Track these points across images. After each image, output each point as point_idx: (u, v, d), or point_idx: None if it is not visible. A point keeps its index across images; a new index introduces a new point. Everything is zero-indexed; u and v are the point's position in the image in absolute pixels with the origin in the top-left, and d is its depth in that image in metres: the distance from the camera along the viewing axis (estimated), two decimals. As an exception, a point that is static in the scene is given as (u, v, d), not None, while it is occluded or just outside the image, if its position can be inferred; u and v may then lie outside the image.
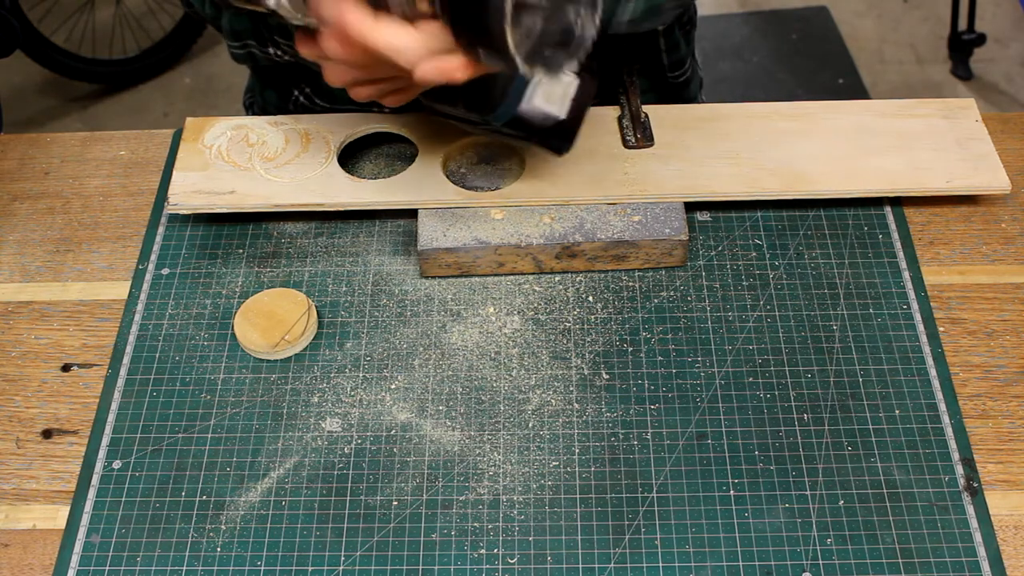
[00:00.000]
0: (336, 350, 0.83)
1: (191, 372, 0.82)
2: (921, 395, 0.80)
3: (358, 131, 0.94)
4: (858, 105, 0.95)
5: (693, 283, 0.87)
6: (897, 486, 0.75)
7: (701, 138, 0.92)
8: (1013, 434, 0.78)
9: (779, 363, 0.82)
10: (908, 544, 0.72)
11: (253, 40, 0.97)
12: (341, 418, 0.80)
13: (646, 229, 0.86)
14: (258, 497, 0.76)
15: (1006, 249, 0.89)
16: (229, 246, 0.90)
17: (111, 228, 0.93)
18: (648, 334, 0.84)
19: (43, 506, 0.76)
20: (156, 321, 0.86)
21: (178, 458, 0.78)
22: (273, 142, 0.93)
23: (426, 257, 0.86)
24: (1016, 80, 2.51)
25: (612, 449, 0.77)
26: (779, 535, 0.73)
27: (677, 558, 0.72)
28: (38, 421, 0.81)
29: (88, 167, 0.99)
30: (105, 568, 0.73)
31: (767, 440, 0.77)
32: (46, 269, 0.90)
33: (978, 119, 0.94)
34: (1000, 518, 0.74)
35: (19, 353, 0.85)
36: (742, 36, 2.63)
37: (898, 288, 0.86)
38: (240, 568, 0.72)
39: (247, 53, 0.99)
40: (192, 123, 0.95)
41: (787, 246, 0.89)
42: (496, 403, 0.80)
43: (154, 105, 2.57)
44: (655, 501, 0.75)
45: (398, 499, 0.75)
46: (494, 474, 0.76)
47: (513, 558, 0.73)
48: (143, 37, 2.63)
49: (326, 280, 0.88)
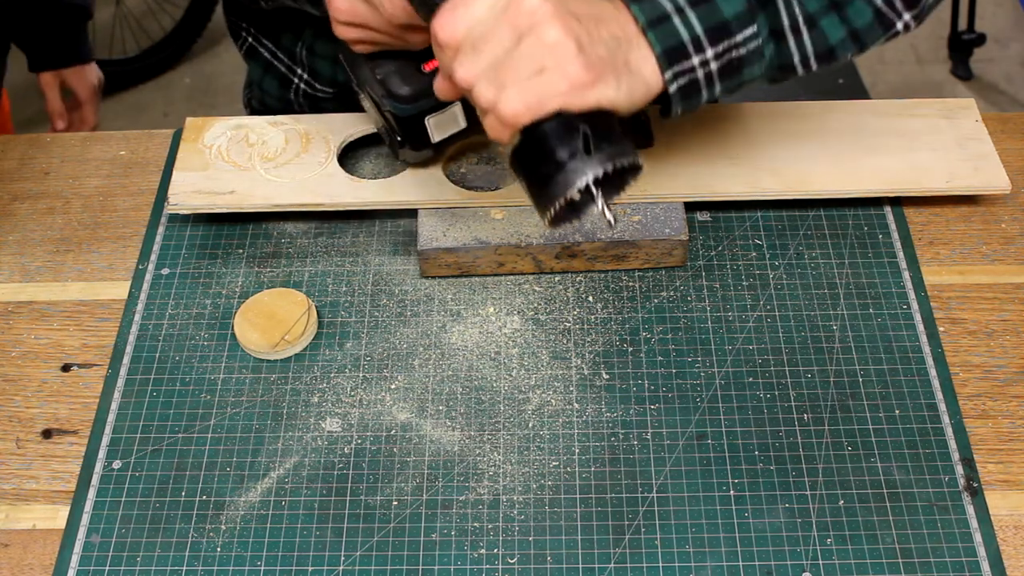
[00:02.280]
0: (336, 350, 0.83)
1: (191, 372, 0.82)
2: (921, 395, 0.80)
3: (358, 131, 0.94)
4: (858, 105, 0.95)
5: (693, 283, 0.87)
6: (897, 486, 0.75)
7: (701, 138, 0.92)
8: (1013, 434, 0.78)
9: (779, 363, 0.82)
10: (908, 544, 0.72)
11: None
12: (341, 418, 0.80)
13: (646, 229, 0.86)
14: (258, 497, 0.76)
15: (1006, 249, 0.89)
16: (229, 246, 0.90)
17: (111, 228, 0.93)
18: (648, 334, 0.83)
19: (43, 506, 0.76)
20: (156, 321, 0.86)
21: (178, 458, 0.78)
22: (273, 142, 0.93)
23: (426, 257, 0.86)
24: (1016, 80, 2.50)
25: (612, 449, 0.77)
26: (779, 535, 0.73)
27: (677, 558, 0.72)
28: (38, 421, 0.81)
29: (88, 167, 0.99)
30: (105, 568, 0.73)
31: (767, 440, 0.77)
32: (46, 269, 0.90)
33: (978, 119, 0.94)
34: (1000, 518, 0.74)
35: (19, 353, 0.85)
36: (742, 36, 2.63)
37: (898, 288, 0.86)
38: (240, 568, 0.72)
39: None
40: (192, 123, 0.95)
41: (787, 246, 0.89)
42: (496, 403, 0.80)
43: (154, 105, 2.57)
44: (655, 501, 0.75)
45: (398, 499, 0.75)
46: (494, 474, 0.76)
47: (513, 558, 0.72)
48: (143, 37, 2.63)
49: (326, 280, 0.88)
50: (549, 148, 0.65)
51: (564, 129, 0.65)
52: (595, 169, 0.65)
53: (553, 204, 0.66)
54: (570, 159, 0.65)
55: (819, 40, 0.75)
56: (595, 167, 0.65)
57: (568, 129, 0.65)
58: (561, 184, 0.65)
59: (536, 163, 0.67)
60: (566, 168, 0.65)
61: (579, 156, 0.65)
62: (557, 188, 0.66)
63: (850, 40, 0.76)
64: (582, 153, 0.65)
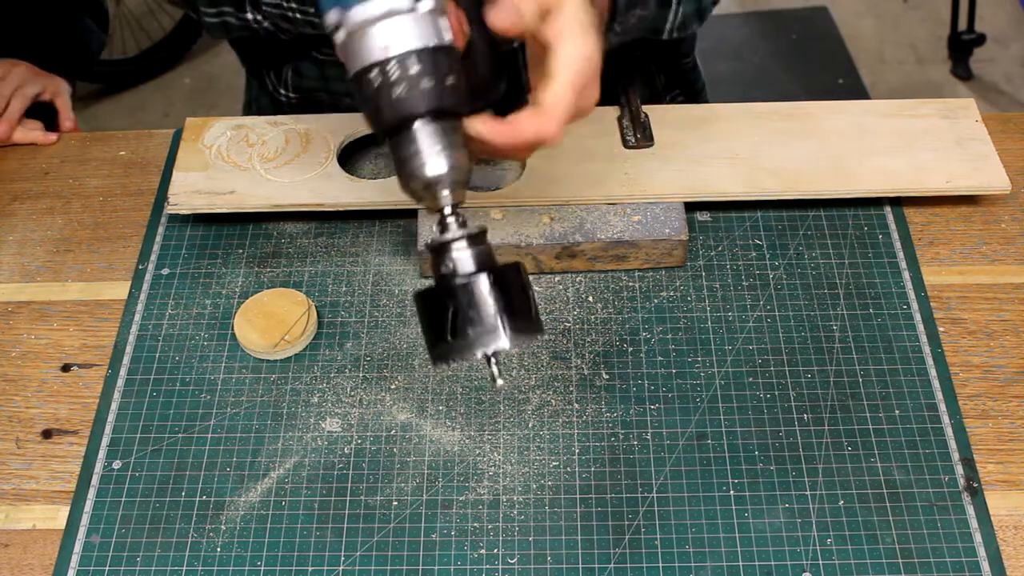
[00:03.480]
0: (336, 350, 0.83)
1: (191, 372, 0.82)
2: (921, 395, 0.80)
3: (358, 131, 0.94)
4: (858, 105, 0.95)
5: (693, 283, 0.87)
6: (897, 486, 0.75)
7: (701, 138, 0.92)
8: (1013, 434, 0.78)
9: (779, 363, 0.82)
10: (908, 544, 0.72)
11: (230, 6, 0.92)
12: (341, 418, 0.80)
13: (646, 229, 0.86)
14: (258, 497, 0.76)
15: (1006, 249, 0.89)
16: (229, 246, 0.90)
17: (111, 228, 0.93)
18: (648, 334, 0.83)
19: (43, 506, 0.76)
20: (156, 321, 0.86)
21: (178, 458, 0.78)
22: (273, 142, 0.93)
23: (426, 257, 0.86)
24: (1016, 80, 2.50)
25: (612, 449, 0.77)
26: (779, 535, 0.73)
27: (677, 558, 0.72)
28: (38, 421, 0.81)
29: (88, 167, 0.99)
30: (105, 568, 0.73)
31: (767, 440, 0.77)
32: (46, 269, 0.90)
33: (978, 119, 0.94)
34: (1000, 518, 0.74)
35: (19, 353, 0.85)
36: (742, 36, 2.63)
37: (898, 288, 0.86)
38: (240, 568, 0.72)
39: (221, 22, 0.94)
40: (192, 123, 0.95)
41: (787, 246, 0.89)
42: (496, 403, 0.80)
43: (154, 105, 2.57)
44: (655, 501, 0.75)
45: (398, 499, 0.75)
46: (494, 474, 0.76)
47: (513, 558, 0.72)
48: (143, 37, 2.63)
49: (326, 280, 0.88)
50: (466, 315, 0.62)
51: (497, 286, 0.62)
52: (502, 343, 0.61)
53: (448, 361, 0.63)
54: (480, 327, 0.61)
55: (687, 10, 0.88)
56: (503, 341, 0.61)
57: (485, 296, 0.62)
58: (468, 346, 0.62)
59: (443, 317, 0.63)
60: (472, 338, 0.61)
61: (498, 320, 0.61)
62: (463, 349, 0.62)
63: (696, 16, 0.88)
64: (493, 325, 0.61)
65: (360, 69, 0.62)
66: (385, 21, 0.62)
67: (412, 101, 0.62)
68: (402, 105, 0.62)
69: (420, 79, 0.62)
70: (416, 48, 0.62)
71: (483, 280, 0.62)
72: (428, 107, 0.62)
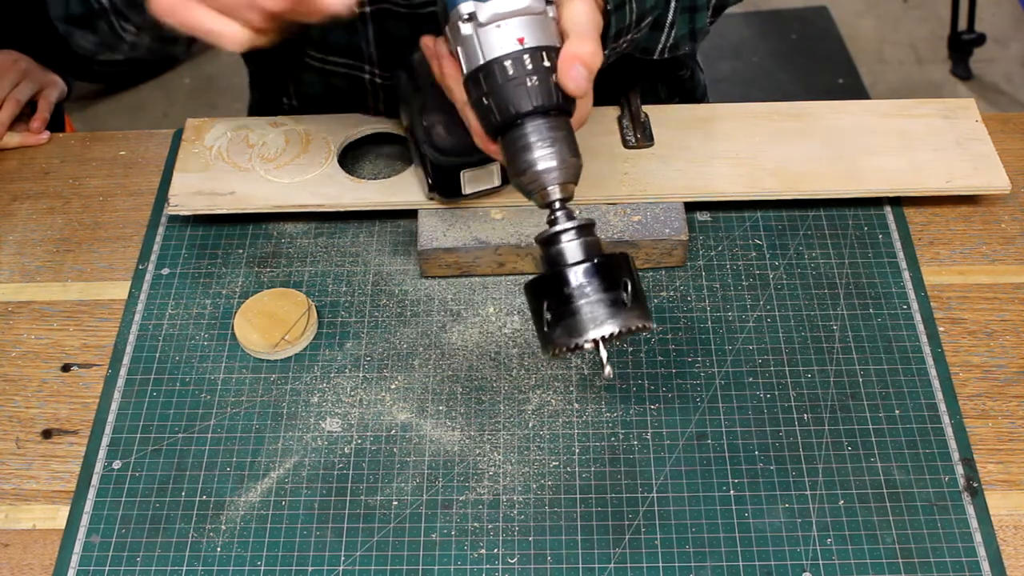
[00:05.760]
0: (336, 350, 0.83)
1: (191, 372, 0.82)
2: (921, 395, 0.80)
3: (358, 131, 0.94)
4: (858, 105, 0.95)
5: (693, 283, 0.87)
6: (897, 486, 0.75)
7: (701, 138, 0.92)
8: (1013, 434, 0.78)
9: (779, 363, 0.82)
10: (908, 544, 0.72)
11: None
12: (341, 418, 0.80)
13: (646, 229, 0.86)
14: (258, 497, 0.76)
15: (1006, 249, 0.89)
16: (229, 246, 0.90)
17: (111, 228, 0.93)
18: (648, 334, 0.83)
19: (43, 506, 0.76)
20: (156, 321, 0.86)
21: (178, 458, 0.78)
22: (273, 143, 0.93)
23: (426, 257, 0.86)
24: (1016, 80, 2.50)
25: (612, 449, 0.77)
26: (779, 535, 0.73)
27: (677, 558, 0.72)
28: (38, 421, 0.81)
29: (88, 167, 0.99)
30: (105, 568, 0.73)
31: (767, 440, 0.77)
32: (46, 269, 0.90)
33: (978, 119, 0.94)
34: (1000, 518, 0.74)
35: (19, 353, 0.85)
36: (742, 36, 2.63)
37: (898, 288, 0.86)
38: (240, 568, 0.72)
39: None
40: (192, 124, 0.95)
41: (787, 246, 0.89)
42: (496, 403, 0.80)
43: (154, 105, 2.57)
44: (655, 501, 0.75)
45: (398, 499, 0.75)
46: (494, 474, 0.76)
47: (513, 558, 0.72)
48: (143, 37, 2.63)
49: (326, 280, 0.88)
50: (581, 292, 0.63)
51: (603, 274, 0.63)
52: (610, 328, 0.62)
53: (558, 349, 0.64)
54: (598, 306, 0.63)
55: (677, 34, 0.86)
56: (611, 326, 0.62)
57: (607, 275, 0.63)
58: (578, 330, 0.63)
59: (552, 304, 0.64)
60: (581, 325, 0.62)
61: (607, 305, 0.63)
62: (574, 332, 0.63)
63: (688, 37, 0.87)
64: (614, 304, 0.63)
65: (492, 59, 0.65)
66: (523, 17, 0.65)
67: (539, 94, 0.64)
68: (530, 96, 0.64)
69: (550, 74, 0.65)
70: (547, 45, 0.65)
71: (591, 268, 0.63)
72: (550, 102, 0.65)
